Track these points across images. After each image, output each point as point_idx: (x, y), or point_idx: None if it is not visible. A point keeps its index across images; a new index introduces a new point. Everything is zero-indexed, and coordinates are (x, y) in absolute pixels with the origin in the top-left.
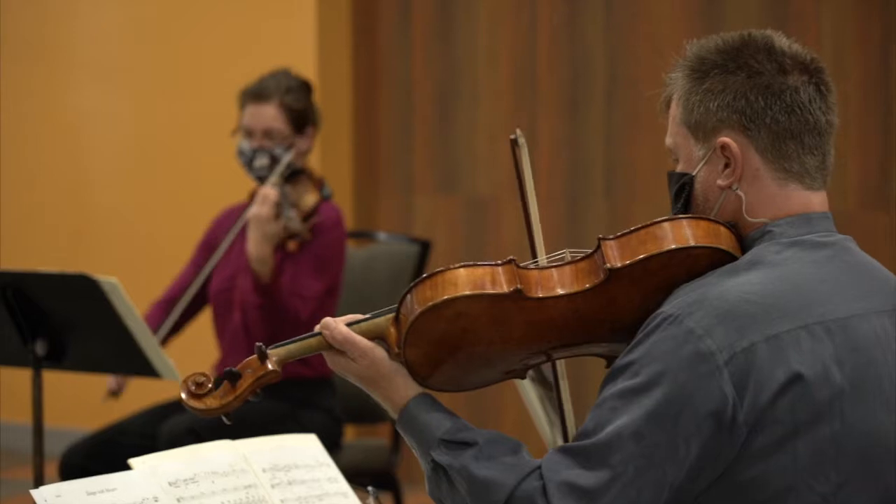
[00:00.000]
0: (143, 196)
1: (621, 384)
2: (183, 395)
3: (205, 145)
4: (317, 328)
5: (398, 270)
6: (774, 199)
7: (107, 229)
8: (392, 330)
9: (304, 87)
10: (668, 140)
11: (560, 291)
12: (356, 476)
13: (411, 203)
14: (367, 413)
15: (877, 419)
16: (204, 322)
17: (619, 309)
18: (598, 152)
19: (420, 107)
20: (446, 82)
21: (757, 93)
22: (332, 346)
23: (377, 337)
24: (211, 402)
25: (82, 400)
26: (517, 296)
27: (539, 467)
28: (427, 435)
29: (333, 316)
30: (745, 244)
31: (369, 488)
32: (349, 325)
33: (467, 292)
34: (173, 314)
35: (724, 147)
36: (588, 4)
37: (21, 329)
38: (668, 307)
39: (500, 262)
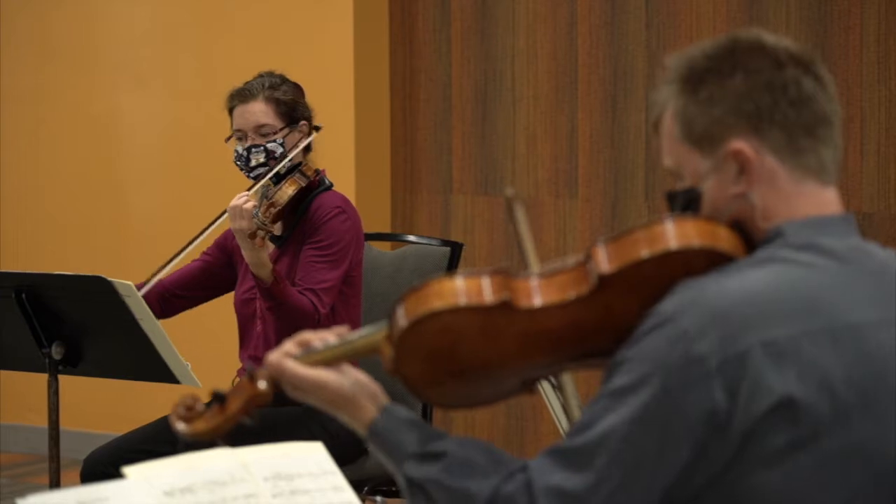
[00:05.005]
0: (178, 199)
1: (614, 381)
2: (172, 419)
3: None
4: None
5: (427, 272)
6: (789, 199)
7: (142, 232)
8: (385, 347)
9: (293, 84)
10: (668, 161)
11: (552, 301)
12: (382, 482)
13: (450, 204)
14: None
15: (888, 433)
16: (229, 331)
17: (618, 318)
18: (638, 152)
19: (458, 106)
20: (485, 81)
21: (761, 91)
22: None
23: (372, 351)
24: (199, 426)
25: (106, 404)
26: (505, 308)
27: (521, 469)
28: (398, 450)
29: (357, 306)
30: (755, 247)
31: (378, 498)
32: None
33: (451, 305)
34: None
35: (736, 153)
36: (628, 2)
37: (36, 333)
38: (666, 304)
39: (490, 271)
